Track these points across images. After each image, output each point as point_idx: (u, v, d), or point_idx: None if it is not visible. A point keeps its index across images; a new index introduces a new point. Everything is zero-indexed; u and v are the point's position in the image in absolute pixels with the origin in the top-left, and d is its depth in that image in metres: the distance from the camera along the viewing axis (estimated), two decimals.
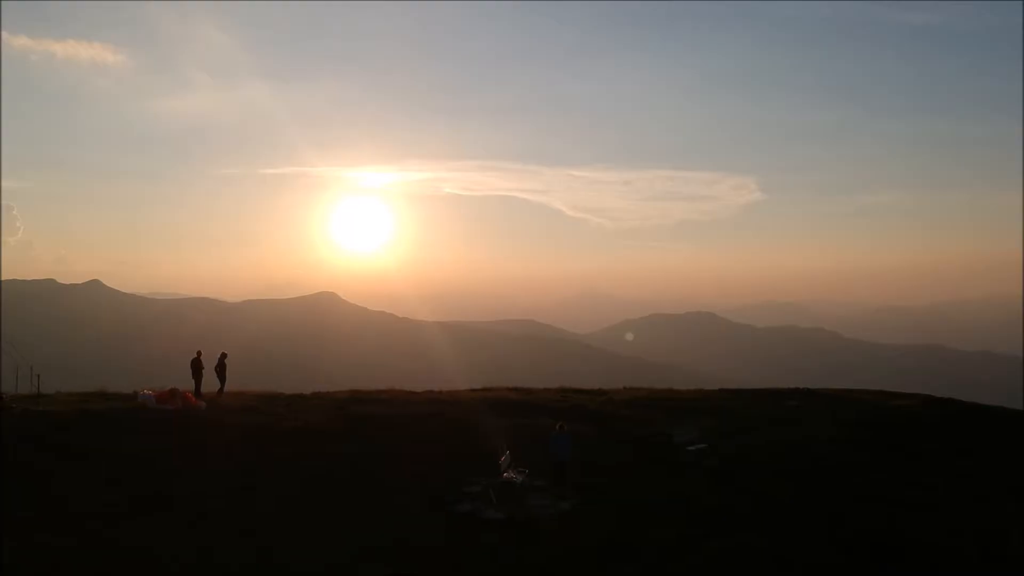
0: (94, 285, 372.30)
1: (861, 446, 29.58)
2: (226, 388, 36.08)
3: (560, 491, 22.16)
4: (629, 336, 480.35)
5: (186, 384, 34.70)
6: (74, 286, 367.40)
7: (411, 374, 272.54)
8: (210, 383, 35.67)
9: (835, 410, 36.92)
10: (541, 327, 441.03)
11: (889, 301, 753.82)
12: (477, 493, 21.93)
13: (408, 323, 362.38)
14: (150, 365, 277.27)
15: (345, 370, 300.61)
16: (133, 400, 32.72)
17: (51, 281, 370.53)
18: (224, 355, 36.35)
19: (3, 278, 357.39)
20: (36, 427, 27.41)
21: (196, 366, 35.01)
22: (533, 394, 39.88)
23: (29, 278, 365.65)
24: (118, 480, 22.61)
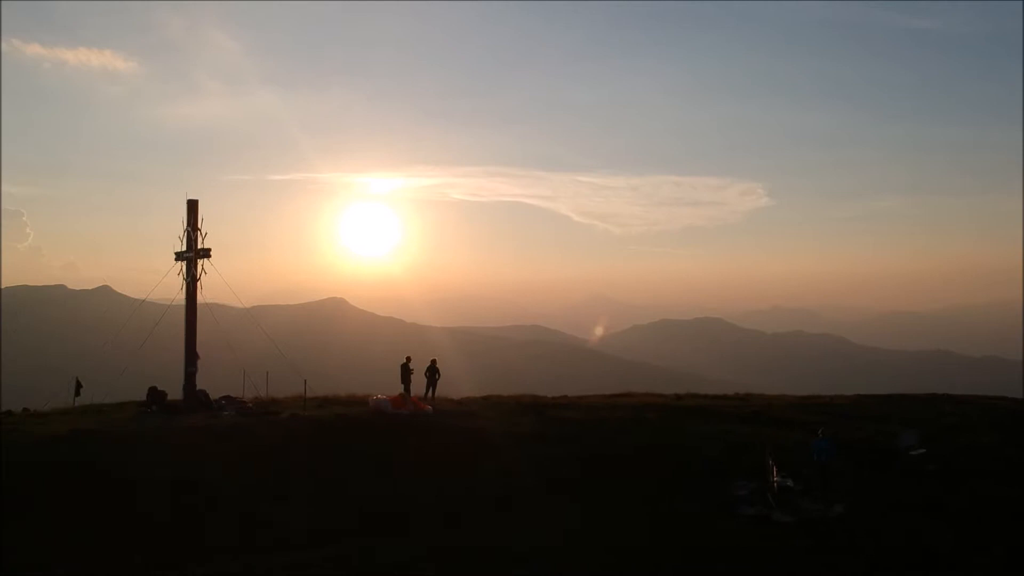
0: (104, 291, 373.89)
1: None
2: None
3: (825, 495, 22.15)
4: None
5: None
6: (84, 291, 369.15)
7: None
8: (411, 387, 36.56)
9: (988, 415, 37.67)
10: (549, 332, 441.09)
11: (897, 306, 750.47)
12: (747, 497, 21.99)
13: (416, 329, 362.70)
14: (162, 370, 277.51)
15: (358, 376, 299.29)
16: (365, 405, 33.76)
17: (61, 287, 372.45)
18: (434, 361, 37.16)
19: (13, 284, 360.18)
20: (310, 430, 28.50)
21: (406, 371, 35.95)
22: (684, 399, 40.20)
23: (39, 284, 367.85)
24: (409, 480, 23.35)
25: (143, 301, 41.99)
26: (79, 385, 33.46)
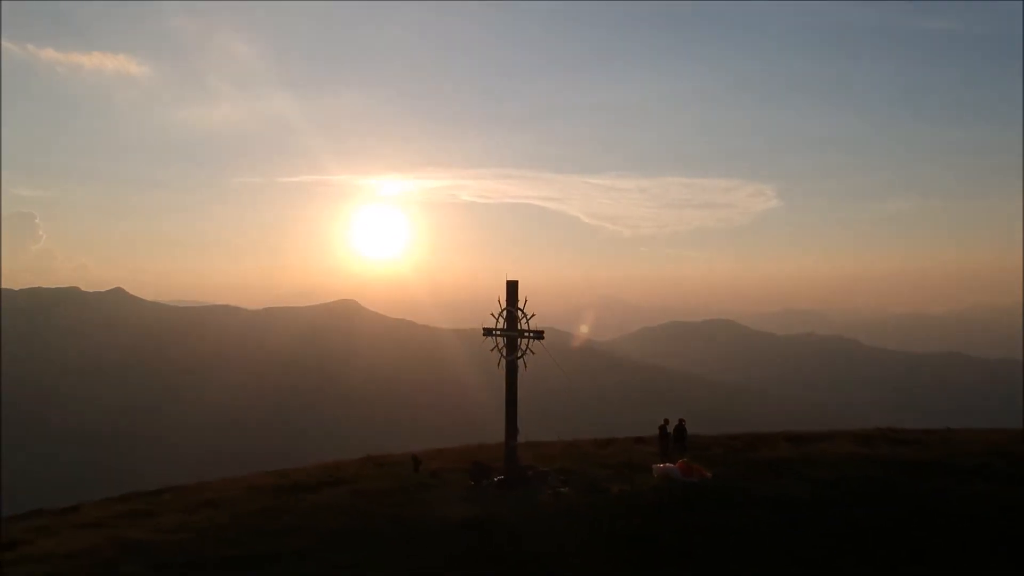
0: (117, 293, 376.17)
1: None
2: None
3: None
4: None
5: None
6: (98, 293, 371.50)
7: (433, 383, 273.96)
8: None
9: None
10: (560, 335, 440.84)
11: (908, 308, 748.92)
12: None
13: (427, 331, 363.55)
14: (175, 372, 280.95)
15: (372, 378, 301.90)
16: (648, 472, 31.04)
17: (74, 289, 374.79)
18: (683, 420, 35.40)
19: (26, 286, 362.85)
20: (648, 510, 25.38)
21: (663, 432, 34.71)
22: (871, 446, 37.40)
23: (52, 286, 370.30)
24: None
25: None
26: (417, 462, 33.18)
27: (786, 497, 26.30)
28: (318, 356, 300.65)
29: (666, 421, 34.91)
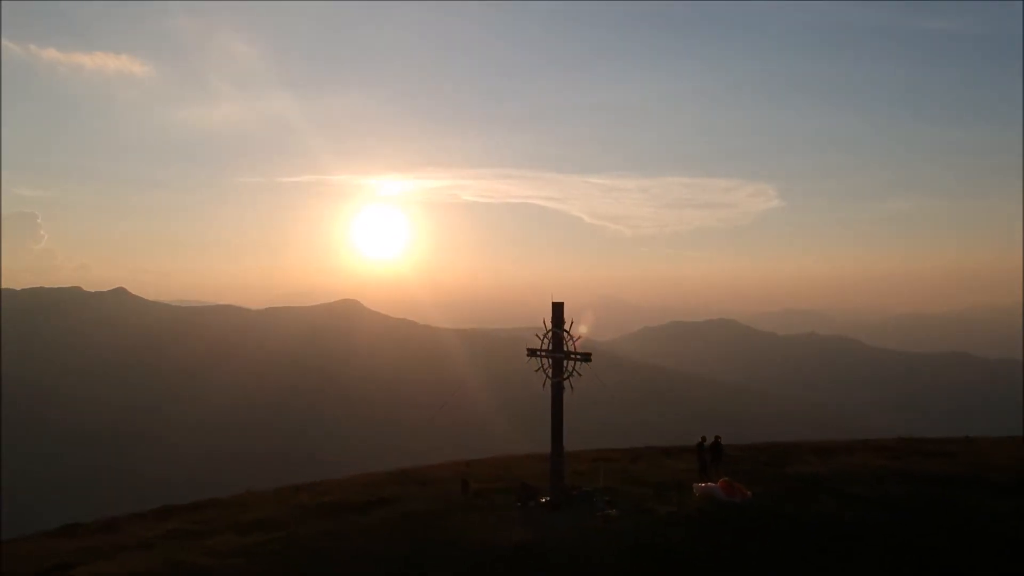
0: (119, 293, 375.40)
1: None
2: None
3: None
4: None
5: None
6: (100, 293, 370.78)
7: (433, 382, 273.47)
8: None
9: None
10: None
11: (910, 308, 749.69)
12: None
13: (429, 331, 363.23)
14: (176, 372, 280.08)
15: (372, 378, 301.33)
16: (689, 491, 30.35)
17: (76, 289, 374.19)
18: (718, 438, 34.87)
19: (28, 286, 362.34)
20: (700, 531, 24.90)
21: (703, 451, 34.12)
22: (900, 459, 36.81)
23: (54, 286, 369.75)
24: None
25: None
26: (467, 485, 32.71)
27: (831, 517, 26.02)
28: (319, 356, 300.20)
29: (703, 439, 34.31)
